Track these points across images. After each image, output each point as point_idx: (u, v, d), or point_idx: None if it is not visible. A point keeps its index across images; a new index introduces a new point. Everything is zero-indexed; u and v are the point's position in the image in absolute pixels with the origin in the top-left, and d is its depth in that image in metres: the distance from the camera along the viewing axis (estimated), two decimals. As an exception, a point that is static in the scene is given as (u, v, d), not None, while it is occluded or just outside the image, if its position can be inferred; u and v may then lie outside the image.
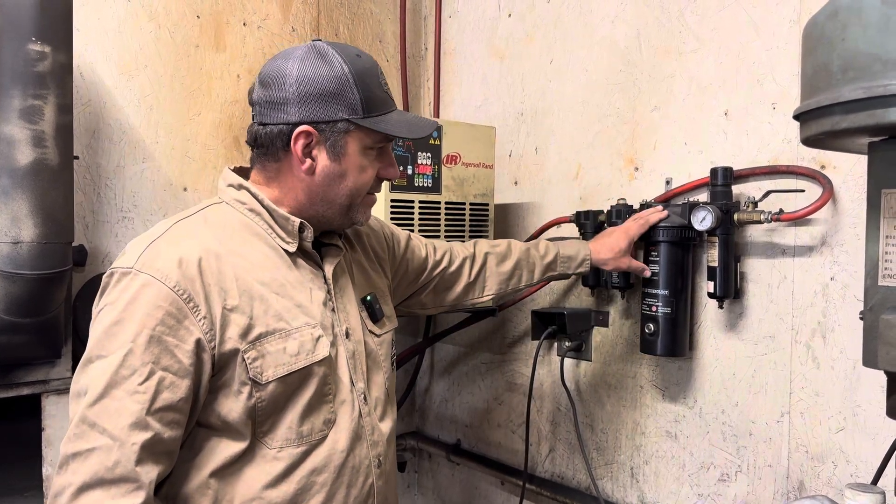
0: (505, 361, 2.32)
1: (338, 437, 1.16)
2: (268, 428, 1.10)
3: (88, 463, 0.96)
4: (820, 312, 1.57)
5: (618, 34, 1.97)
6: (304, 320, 1.14)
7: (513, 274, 1.67)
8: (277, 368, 1.09)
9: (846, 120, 0.91)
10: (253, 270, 1.11)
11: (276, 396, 1.10)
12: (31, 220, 1.53)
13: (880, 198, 0.98)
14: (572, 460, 2.10)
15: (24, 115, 1.52)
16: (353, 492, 1.17)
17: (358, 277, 1.31)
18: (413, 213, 1.88)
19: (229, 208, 1.18)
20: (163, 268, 1.04)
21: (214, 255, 1.08)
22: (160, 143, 2.02)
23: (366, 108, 1.13)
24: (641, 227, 1.68)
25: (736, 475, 1.71)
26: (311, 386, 1.13)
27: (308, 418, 1.13)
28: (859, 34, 0.89)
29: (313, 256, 1.21)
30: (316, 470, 1.13)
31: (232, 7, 2.15)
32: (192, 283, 1.04)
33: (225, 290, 1.07)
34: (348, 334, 1.21)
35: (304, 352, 1.12)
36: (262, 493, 1.09)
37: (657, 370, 1.87)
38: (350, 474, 1.17)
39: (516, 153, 2.27)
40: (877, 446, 1.47)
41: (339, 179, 1.15)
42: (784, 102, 1.62)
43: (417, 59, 2.64)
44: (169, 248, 1.07)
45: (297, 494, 1.12)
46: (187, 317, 1.03)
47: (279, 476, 1.10)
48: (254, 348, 1.08)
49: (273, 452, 1.10)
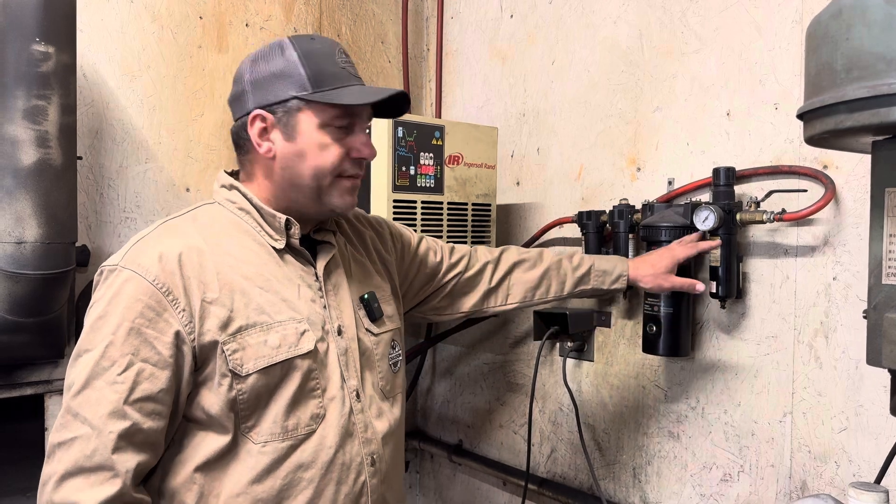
0: (507, 362, 2.32)
1: (326, 433, 1.15)
2: (253, 423, 1.11)
3: (70, 452, 1.00)
4: (822, 312, 1.57)
5: (620, 34, 1.98)
6: (289, 315, 1.14)
7: (540, 283, 1.59)
8: (258, 360, 1.10)
9: (850, 119, 0.91)
10: (237, 266, 1.13)
11: (257, 389, 1.10)
12: (34, 220, 1.54)
13: (884, 197, 0.98)
14: (574, 461, 2.10)
15: (27, 115, 1.52)
16: (343, 489, 1.16)
17: (356, 275, 1.30)
18: (415, 213, 1.89)
19: (220, 208, 1.21)
20: (144, 263, 1.07)
21: (197, 250, 1.11)
22: (163, 144, 2.03)
23: (315, 83, 1.13)
24: (689, 251, 1.59)
25: (738, 475, 1.71)
26: (294, 380, 1.12)
27: (293, 413, 1.12)
28: (863, 33, 0.89)
29: (303, 253, 1.21)
30: (303, 465, 1.12)
31: (234, 8, 2.15)
32: (171, 277, 1.07)
33: (205, 284, 1.09)
34: (340, 331, 1.20)
35: (286, 345, 1.12)
36: (247, 488, 1.09)
37: (659, 370, 1.87)
38: (340, 471, 1.15)
39: (518, 153, 2.27)
40: (879, 446, 1.47)
41: (298, 160, 1.16)
42: (786, 102, 1.62)
43: (419, 59, 2.65)
44: (152, 245, 1.10)
45: (284, 490, 1.11)
46: (167, 309, 1.06)
47: (264, 471, 1.10)
48: (234, 340, 1.09)
49: (258, 447, 1.10)
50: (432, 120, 1.94)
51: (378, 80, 2.53)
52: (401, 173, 1.85)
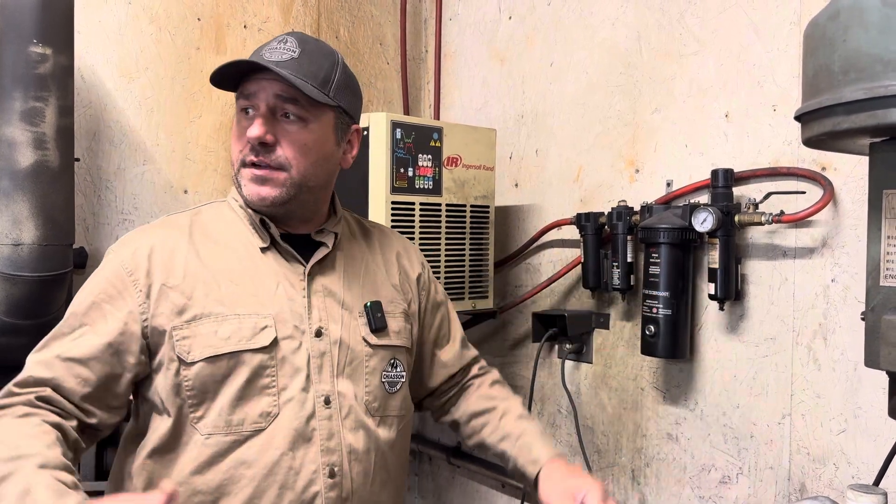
0: (506, 364, 2.31)
1: (275, 434, 1.11)
2: (201, 414, 1.11)
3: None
4: (821, 314, 1.57)
5: (618, 36, 1.97)
6: (254, 309, 1.13)
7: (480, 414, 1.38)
8: (205, 349, 1.10)
9: (847, 121, 0.91)
10: (214, 259, 1.15)
11: (203, 378, 1.10)
12: (31, 222, 1.53)
13: (882, 198, 0.98)
14: (573, 462, 2.09)
15: (25, 117, 1.52)
16: (287, 494, 1.11)
17: (367, 283, 1.27)
18: (414, 215, 1.88)
19: (226, 205, 1.24)
20: (124, 248, 1.16)
21: (174, 241, 1.16)
22: (161, 146, 2.03)
23: None
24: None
25: (737, 477, 1.71)
26: (241, 374, 1.11)
27: (240, 408, 1.11)
28: (860, 35, 0.89)
29: (289, 251, 1.20)
30: (245, 463, 1.10)
31: (233, 10, 2.15)
32: (139, 261, 1.13)
33: (169, 270, 1.13)
34: (320, 333, 1.17)
35: (237, 337, 1.11)
36: (189, 478, 1.10)
37: (658, 372, 1.87)
38: (286, 475, 1.11)
39: (517, 155, 2.27)
40: (878, 448, 1.47)
41: None
42: (784, 104, 1.62)
43: (418, 61, 2.65)
44: (139, 235, 1.19)
45: (224, 485, 1.09)
46: (127, 289, 1.12)
47: (206, 463, 1.10)
48: (186, 328, 1.11)
49: (202, 439, 1.10)
50: (430, 121, 1.94)
51: (376, 82, 2.53)
52: (399, 175, 1.85)
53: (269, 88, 1.13)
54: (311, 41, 1.18)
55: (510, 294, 2.29)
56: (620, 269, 1.84)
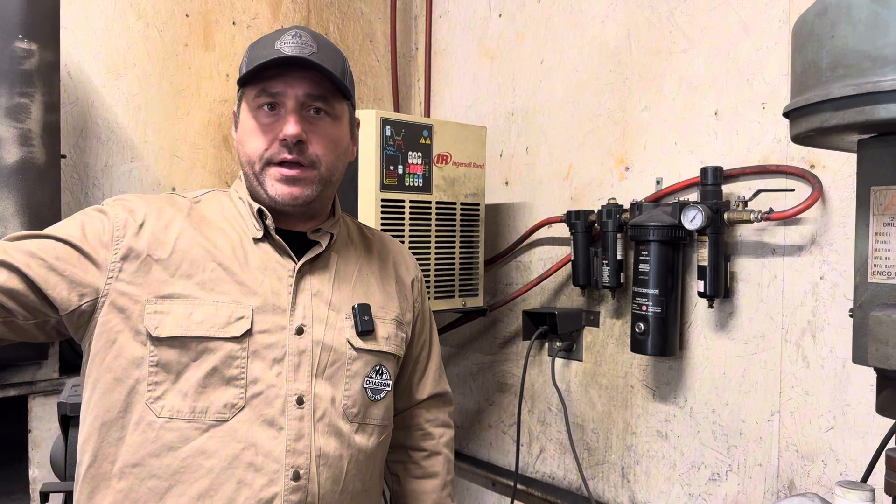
0: (496, 362, 2.31)
1: (238, 427, 1.09)
2: (160, 394, 1.07)
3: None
4: (810, 311, 1.57)
5: (608, 34, 1.98)
6: (235, 297, 1.12)
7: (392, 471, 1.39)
8: (174, 328, 1.08)
9: (836, 117, 0.91)
10: (204, 240, 1.14)
11: (167, 357, 1.07)
12: (17, 219, 1.52)
13: (869, 195, 0.98)
14: (563, 460, 2.10)
15: (10, 113, 1.51)
16: (244, 491, 1.07)
17: (357, 287, 1.25)
18: (404, 212, 1.88)
19: (226, 195, 1.23)
20: (116, 206, 1.14)
21: (170, 216, 1.14)
22: (148, 143, 2.01)
23: (246, 67, 1.13)
24: None
25: (726, 474, 1.72)
26: (208, 361, 1.09)
27: (204, 395, 1.08)
28: (848, 31, 0.89)
29: (282, 245, 1.18)
30: (205, 453, 1.07)
31: (221, 6, 2.14)
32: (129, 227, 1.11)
33: (159, 242, 1.11)
34: (301, 331, 1.15)
35: (209, 323, 1.09)
36: (145, 460, 1.06)
37: (648, 370, 1.87)
38: (245, 470, 1.08)
39: (507, 153, 2.27)
40: (866, 444, 1.47)
41: (240, 147, 1.17)
42: (774, 102, 1.62)
43: (408, 58, 2.64)
44: (136, 199, 1.16)
45: (181, 472, 1.07)
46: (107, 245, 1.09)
47: (165, 447, 1.07)
48: (161, 303, 1.08)
49: (161, 421, 1.07)
50: (420, 119, 1.93)
51: (366, 79, 2.52)
52: (388, 172, 1.84)
53: (298, 84, 1.11)
54: (318, 34, 1.17)
55: (500, 292, 2.29)
56: (610, 266, 1.85)
